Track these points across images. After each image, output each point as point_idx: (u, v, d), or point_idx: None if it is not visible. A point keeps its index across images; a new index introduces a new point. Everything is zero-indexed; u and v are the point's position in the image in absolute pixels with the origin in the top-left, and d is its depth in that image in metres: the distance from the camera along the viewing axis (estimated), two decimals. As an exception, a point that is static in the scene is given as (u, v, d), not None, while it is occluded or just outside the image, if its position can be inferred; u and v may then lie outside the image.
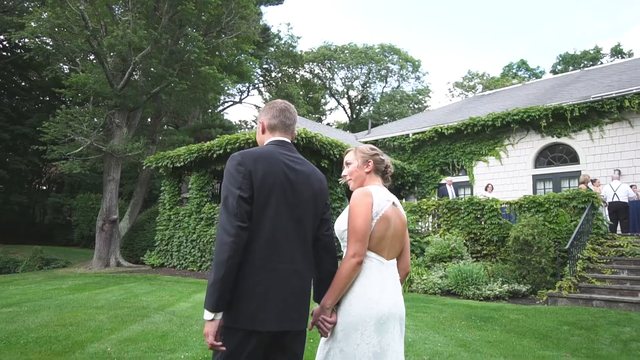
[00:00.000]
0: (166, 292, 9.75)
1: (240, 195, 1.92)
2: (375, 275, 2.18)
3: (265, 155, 2.06)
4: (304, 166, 2.18)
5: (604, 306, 8.01)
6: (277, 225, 1.99)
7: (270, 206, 1.98)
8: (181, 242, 15.79)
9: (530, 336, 5.70)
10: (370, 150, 2.46)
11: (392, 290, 2.21)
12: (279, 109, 2.28)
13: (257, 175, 1.98)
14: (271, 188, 1.99)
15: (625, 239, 10.03)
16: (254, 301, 1.91)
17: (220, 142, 14.29)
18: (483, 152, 15.95)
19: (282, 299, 1.96)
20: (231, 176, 1.99)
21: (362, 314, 2.11)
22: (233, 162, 2.02)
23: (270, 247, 1.96)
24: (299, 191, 2.08)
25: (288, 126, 2.27)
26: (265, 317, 1.91)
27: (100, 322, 6.30)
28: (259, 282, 1.92)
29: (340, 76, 42.07)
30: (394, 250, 2.30)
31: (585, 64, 45.68)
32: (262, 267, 1.94)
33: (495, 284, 9.34)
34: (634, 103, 12.90)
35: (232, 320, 1.90)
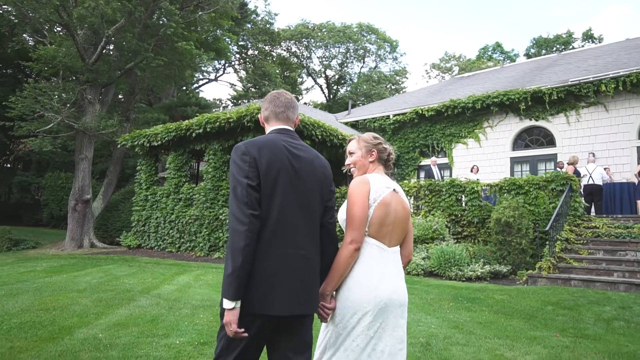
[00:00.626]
0: (148, 274, 9.57)
1: (249, 183, 1.95)
2: (375, 262, 2.22)
3: (268, 143, 2.08)
4: (306, 152, 2.20)
5: (581, 286, 8.28)
6: (284, 211, 2.01)
7: (277, 193, 2.01)
8: (159, 223, 15.50)
9: (518, 317, 5.83)
10: (373, 139, 2.49)
11: (392, 277, 2.24)
12: (269, 100, 2.33)
13: (262, 163, 2.00)
14: (277, 175, 2.02)
15: (601, 220, 10.35)
16: (263, 286, 1.93)
17: (199, 121, 13.96)
18: (462, 134, 16.10)
19: (291, 284, 1.99)
20: (237, 166, 2.01)
21: (360, 300, 2.15)
22: (238, 152, 2.04)
23: (279, 233, 1.98)
24: (302, 178, 2.10)
25: (279, 113, 2.28)
26: (273, 301, 1.94)
27: (84, 306, 6.12)
28: (267, 267, 1.95)
29: (317, 55, 41.64)
30: (396, 238, 2.33)
31: (557, 47, 46.46)
32: (271, 253, 1.96)
33: (477, 265, 9.52)
34: (610, 88, 13.19)
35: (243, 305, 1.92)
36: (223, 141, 14.09)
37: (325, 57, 41.33)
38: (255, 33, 33.69)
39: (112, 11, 16.30)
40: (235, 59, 36.82)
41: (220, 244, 13.46)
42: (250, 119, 12.61)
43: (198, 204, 14.34)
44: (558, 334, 4.85)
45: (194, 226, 14.29)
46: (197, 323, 5.24)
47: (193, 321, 5.34)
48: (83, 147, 18.66)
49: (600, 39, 46.16)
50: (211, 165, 14.22)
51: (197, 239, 14.15)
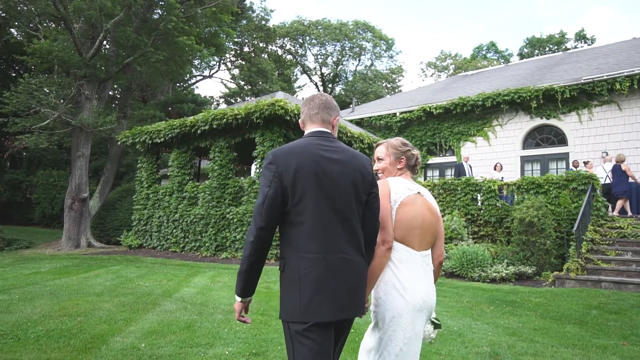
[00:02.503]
0: (159, 275, 9.19)
1: (269, 194, 1.96)
2: (404, 266, 2.26)
3: (297, 149, 2.06)
4: (341, 154, 2.13)
5: (613, 288, 8.09)
6: (318, 216, 1.98)
7: (308, 199, 1.98)
8: (162, 222, 15.06)
9: (568, 322, 5.59)
10: (402, 145, 2.51)
11: (423, 281, 2.29)
12: (303, 103, 2.32)
13: (289, 172, 1.98)
14: (306, 181, 1.99)
15: (625, 220, 10.19)
16: (305, 293, 1.93)
17: (205, 117, 13.56)
18: (471, 132, 15.90)
19: (335, 289, 1.96)
20: (264, 175, 2.02)
21: (397, 304, 2.21)
22: (265, 162, 2.06)
23: (315, 238, 1.97)
24: (335, 180, 2.04)
25: (313, 115, 2.25)
26: (317, 307, 1.92)
27: (108, 311, 5.75)
28: (307, 274, 1.94)
29: (313, 52, 41.24)
30: (426, 242, 2.35)
31: (550, 47, 46.76)
32: (309, 259, 1.95)
33: (501, 266, 9.30)
34: (625, 86, 13.07)
35: (288, 315, 1.95)
36: (229, 138, 13.71)
37: (321, 54, 41.01)
38: (250, 29, 33.22)
39: (111, 3, 15.81)
40: (229, 56, 36.30)
41: (227, 243, 13.09)
42: (259, 116, 12.23)
43: (203, 203, 13.94)
44: (626, 343, 4.61)
45: (199, 225, 13.88)
46: (238, 330, 4.90)
47: (232, 328, 5.00)
48: (80, 144, 18.12)
49: (592, 40, 46.56)
50: (217, 162, 13.82)
51: (202, 239, 13.75)
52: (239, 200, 13.39)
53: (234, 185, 13.44)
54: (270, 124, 12.64)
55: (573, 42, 46.67)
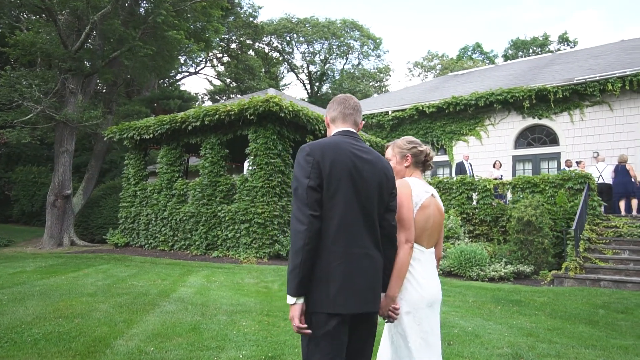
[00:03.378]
0: (152, 275, 8.91)
1: (310, 185, 1.98)
2: (418, 263, 2.37)
3: (332, 145, 2.11)
4: (370, 155, 2.21)
5: (612, 287, 8.10)
6: (347, 211, 2.03)
7: (340, 194, 2.03)
8: (150, 220, 14.69)
9: (579, 321, 5.53)
10: (407, 144, 2.57)
11: (433, 276, 2.42)
12: (337, 102, 2.35)
13: (326, 165, 2.03)
14: (340, 176, 2.04)
15: (620, 219, 10.26)
16: (334, 285, 1.96)
17: (197, 113, 13.25)
18: (463, 131, 15.90)
19: (358, 282, 2.02)
20: (300, 167, 2.05)
21: (414, 299, 2.29)
22: (302, 153, 2.07)
23: (343, 232, 2.01)
24: (365, 179, 2.11)
25: (347, 115, 2.31)
26: (344, 299, 1.97)
27: (106, 312, 5.48)
28: (336, 267, 1.98)
29: (300, 50, 40.99)
30: (433, 240, 2.47)
31: (534, 50, 47.40)
32: (337, 252, 1.99)
33: (499, 265, 9.26)
34: (617, 87, 13.19)
35: (314, 305, 1.97)
36: (221, 135, 13.43)
37: (309, 52, 40.76)
38: (238, 26, 32.82)
39: (99, -6, 15.38)
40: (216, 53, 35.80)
41: (218, 242, 12.81)
42: (253, 112, 11.99)
43: (193, 201, 13.63)
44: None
45: (189, 223, 13.57)
46: (247, 332, 4.70)
47: (240, 330, 4.80)
48: (64, 139, 17.62)
49: (575, 42, 47.36)
50: (208, 159, 13.52)
51: (192, 237, 13.45)
52: (231, 198, 13.13)
53: (226, 183, 13.17)
54: (264, 120, 12.42)
55: (556, 44, 47.41)
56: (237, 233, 12.46)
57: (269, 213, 12.03)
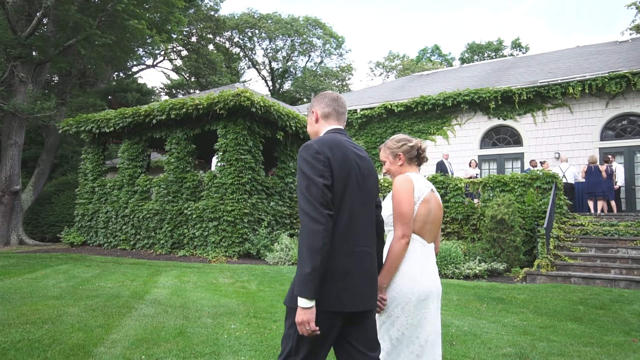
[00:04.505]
0: (118, 276, 8.40)
1: (325, 183, 1.95)
2: (418, 256, 2.37)
3: (337, 143, 2.09)
4: (363, 152, 2.24)
5: (581, 283, 8.35)
6: (353, 210, 2.04)
7: (347, 193, 2.04)
8: (109, 217, 13.96)
9: (564, 319, 5.60)
10: (396, 142, 2.59)
11: (431, 270, 2.42)
12: (331, 98, 2.33)
13: (336, 164, 2.01)
14: (347, 175, 2.04)
15: (585, 218, 10.62)
16: (339, 283, 1.95)
17: (162, 106, 12.70)
18: (431, 131, 16.10)
19: (361, 280, 2.03)
20: (311, 165, 1.99)
21: (405, 291, 2.30)
22: (310, 151, 2.02)
23: (349, 231, 2.02)
24: (365, 177, 2.14)
25: (341, 114, 2.32)
26: (348, 298, 1.97)
27: (78, 317, 5.05)
28: (341, 265, 1.97)
29: (262, 46, 40.40)
30: (433, 234, 2.49)
31: (489, 54, 49.02)
32: (343, 251, 1.98)
33: (473, 263, 9.36)
34: (577, 90, 13.72)
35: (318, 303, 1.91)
36: (188, 129, 12.93)
37: (271, 49, 40.25)
38: (199, 19, 31.92)
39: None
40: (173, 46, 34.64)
41: (185, 240, 12.32)
42: (223, 107, 11.59)
43: (158, 197, 13.06)
44: (636, 339, 4.63)
45: (152, 221, 12.98)
46: (239, 336, 4.43)
47: (231, 334, 4.51)
48: (12, 131, 16.52)
49: (526, 48, 49.33)
50: (174, 155, 12.99)
51: (156, 236, 12.88)
52: (198, 195, 12.66)
53: (193, 179, 12.69)
54: (234, 115, 12.05)
55: (509, 49, 49.25)
56: (205, 231, 12.03)
57: (239, 211, 11.68)
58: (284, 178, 13.64)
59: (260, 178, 12.52)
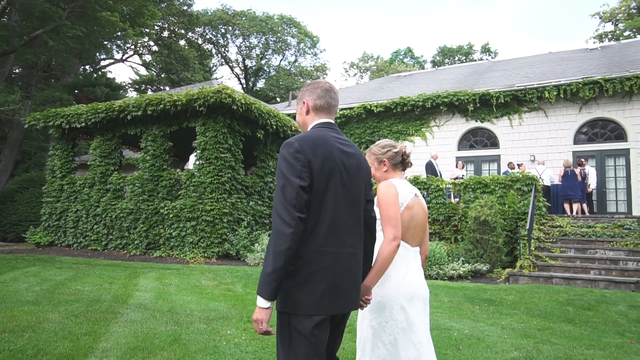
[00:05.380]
0: (94, 278, 8.01)
1: (300, 184, 1.89)
2: (401, 260, 2.40)
3: (321, 141, 2.01)
4: (352, 148, 2.16)
5: (563, 284, 8.50)
6: (337, 210, 1.98)
7: (330, 192, 1.97)
8: (79, 216, 13.38)
9: (558, 320, 5.64)
10: (381, 149, 2.60)
11: (415, 273, 2.45)
12: (324, 89, 2.21)
13: (316, 163, 1.94)
14: (330, 174, 1.98)
15: (564, 219, 10.86)
16: (320, 286, 1.91)
17: (138, 102, 12.26)
18: (410, 132, 16.18)
19: (344, 282, 1.98)
20: (289, 164, 1.92)
21: (391, 295, 2.34)
22: (290, 150, 1.94)
23: (332, 232, 1.96)
24: (352, 174, 2.07)
25: (333, 107, 2.23)
26: (330, 301, 1.93)
27: (60, 324, 4.73)
28: (323, 268, 1.93)
29: (236, 44, 39.80)
30: (418, 238, 2.53)
31: (459, 57, 49.98)
32: (326, 252, 1.94)
33: (457, 264, 9.40)
34: (552, 94, 14.05)
35: (299, 307, 1.89)
36: (165, 126, 12.53)
37: (245, 46, 39.70)
38: (172, 13, 31.15)
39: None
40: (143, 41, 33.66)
41: (161, 241, 11.93)
42: (203, 103, 11.28)
43: (132, 196, 12.60)
44: (633, 341, 4.68)
45: (126, 221, 12.52)
46: (238, 343, 4.23)
47: (230, 340, 4.31)
48: (-26, 125, 15.64)
49: (495, 53, 50.57)
50: (149, 152, 12.56)
51: (130, 236, 12.42)
52: (175, 194, 12.28)
53: (170, 178, 12.30)
54: (214, 113, 11.74)
55: (479, 53, 50.37)
56: (182, 231, 11.67)
57: (219, 210, 11.39)
58: (264, 177, 13.41)
59: (240, 177, 12.26)
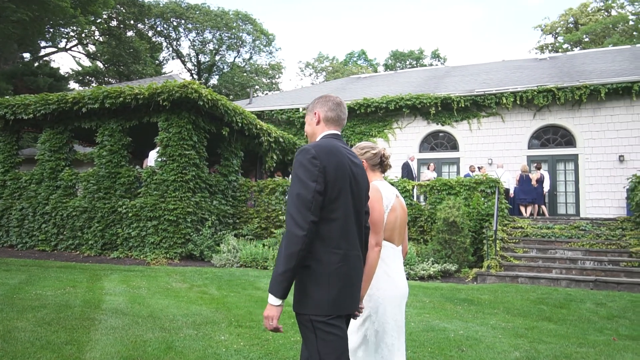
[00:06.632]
0: (53, 281, 7.44)
1: (317, 189, 1.99)
2: (392, 260, 2.52)
3: (334, 150, 2.13)
4: (358, 159, 2.30)
5: (528, 283, 8.84)
6: (346, 215, 2.10)
7: (341, 198, 2.08)
8: (25, 215, 12.47)
9: (538, 319, 5.80)
10: (360, 150, 2.66)
11: (403, 273, 2.59)
12: (336, 103, 2.35)
13: (331, 170, 2.05)
14: (342, 181, 2.09)
15: (524, 221, 11.31)
16: (336, 287, 2.01)
17: (95, 94, 11.59)
18: (372, 133, 16.32)
19: (353, 283, 2.10)
20: (306, 169, 2.03)
21: (386, 295, 2.43)
22: (307, 156, 2.05)
23: (343, 235, 2.08)
24: (359, 183, 2.20)
25: (342, 120, 2.36)
26: (344, 301, 2.04)
27: (34, 332, 4.31)
28: (337, 269, 2.02)
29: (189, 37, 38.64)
30: (401, 237, 2.64)
31: (410, 62, 51.28)
32: (338, 255, 2.04)
33: (427, 264, 9.55)
34: (509, 100, 14.66)
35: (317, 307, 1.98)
36: (124, 121, 11.91)
37: (198, 41, 38.63)
38: (122, 3, 29.80)
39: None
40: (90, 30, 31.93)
41: (118, 241, 11.31)
42: (167, 98, 10.82)
43: (86, 194, 11.87)
44: (616, 338, 4.90)
45: (79, 220, 11.78)
46: (238, 349, 4.02)
47: (228, 347, 4.08)
48: None
49: (444, 59, 52.31)
50: (106, 148, 11.89)
51: (84, 236, 11.70)
52: (135, 192, 11.69)
53: (129, 175, 11.70)
54: (178, 108, 11.28)
55: (429, 59, 51.90)
56: (142, 231, 11.13)
57: (182, 209, 10.96)
58: (227, 176, 13.04)
59: (204, 175, 11.86)
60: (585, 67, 16.22)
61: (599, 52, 19.60)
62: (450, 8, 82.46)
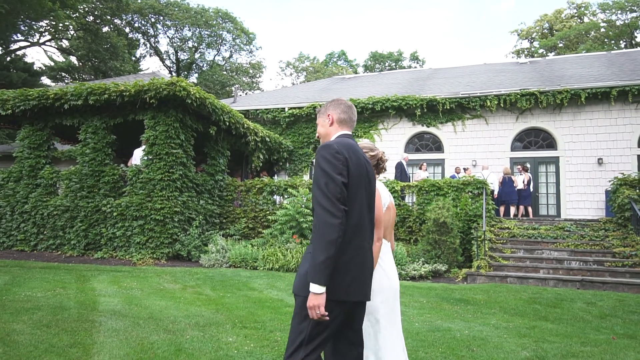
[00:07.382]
0: (40, 282, 7.21)
1: (343, 181, 2.13)
2: (386, 255, 2.67)
3: (353, 147, 2.29)
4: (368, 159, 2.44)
5: (517, 282, 8.99)
6: (362, 209, 2.24)
7: (358, 192, 2.22)
8: (3, 214, 12.07)
9: (536, 318, 5.90)
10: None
11: (394, 266, 2.75)
12: (347, 106, 2.54)
13: (352, 164, 2.20)
14: (359, 176, 2.23)
15: (510, 222, 11.51)
16: (349, 275, 2.14)
17: (78, 90, 11.29)
18: (358, 134, 16.35)
19: (365, 273, 2.23)
20: (330, 163, 2.15)
21: (384, 286, 2.57)
22: (331, 151, 2.19)
23: (358, 227, 2.21)
24: (372, 180, 2.35)
25: (353, 121, 2.54)
26: (356, 289, 2.17)
27: (33, 335, 4.15)
28: (352, 258, 2.16)
29: (167, 35, 38.01)
30: (391, 234, 2.85)
31: (389, 64, 51.71)
32: (354, 245, 2.17)
33: (417, 264, 9.61)
34: (493, 103, 14.91)
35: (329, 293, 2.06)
36: (108, 118, 11.63)
37: (177, 38, 38.07)
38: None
39: None
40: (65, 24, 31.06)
41: (102, 241, 11.03)
42: (154, 95, 10.61)
43: (68, 192, 11.55)
44: (615, 337, 5.01)
45: (61, 219, 11.45)
46: (250, 351, 3.95)
47: (239, 349, 4.00)
48: None
49: (423, 61, 52.93)
50: (89, 145, 11.59)
51: (65, 235, 11.38)
52: (119, 190, 11.43)
53: (113, 173, 11.43)
54: (165, 106, 11.09)
55: (408, 61, 52.44)
56: (127, 231, 10.89)
57: (169, 209, 10.77)
58: (214, 175, 12.87)
59: (191, 175, 11.69)
60: (565, 72, 16.63)
61: (577, 57, 20.13)
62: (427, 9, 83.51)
